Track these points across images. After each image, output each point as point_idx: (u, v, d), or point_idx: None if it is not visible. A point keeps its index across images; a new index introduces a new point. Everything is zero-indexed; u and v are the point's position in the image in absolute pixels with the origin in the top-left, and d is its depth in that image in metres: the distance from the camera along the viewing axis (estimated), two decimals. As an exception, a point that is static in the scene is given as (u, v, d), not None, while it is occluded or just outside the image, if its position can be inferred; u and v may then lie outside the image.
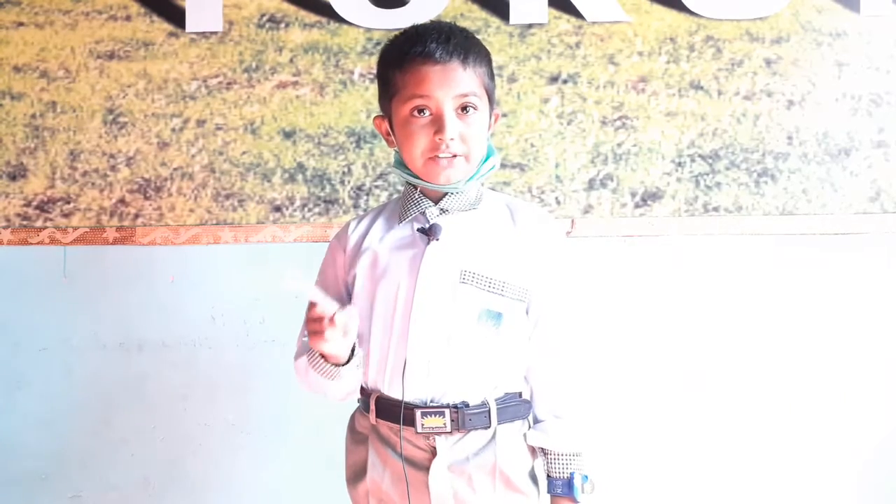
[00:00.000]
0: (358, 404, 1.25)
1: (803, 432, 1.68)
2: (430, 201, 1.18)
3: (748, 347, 1.68)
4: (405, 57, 1.14)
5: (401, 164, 1.20)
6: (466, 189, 1.18)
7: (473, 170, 1.17)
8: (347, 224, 1.26)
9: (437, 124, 1.12)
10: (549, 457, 1.19)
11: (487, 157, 1.20)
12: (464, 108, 1.13)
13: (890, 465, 1.67)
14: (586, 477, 1.17)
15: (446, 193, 1.18)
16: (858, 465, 1.67)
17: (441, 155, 1.13)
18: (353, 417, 1.26)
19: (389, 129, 1.20)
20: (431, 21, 1.28)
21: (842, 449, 1.68)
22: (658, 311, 1.69)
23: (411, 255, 1.16)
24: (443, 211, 1.18)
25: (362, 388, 1.21)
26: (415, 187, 1.19)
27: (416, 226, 1.18)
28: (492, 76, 1.20)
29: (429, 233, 1.15)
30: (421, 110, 1.13)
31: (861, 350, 1.68)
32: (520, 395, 1.19)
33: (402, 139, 1.16)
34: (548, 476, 1.19)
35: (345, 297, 1.22)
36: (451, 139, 1.12)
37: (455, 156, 1.13)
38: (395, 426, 1.14)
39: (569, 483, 1.16)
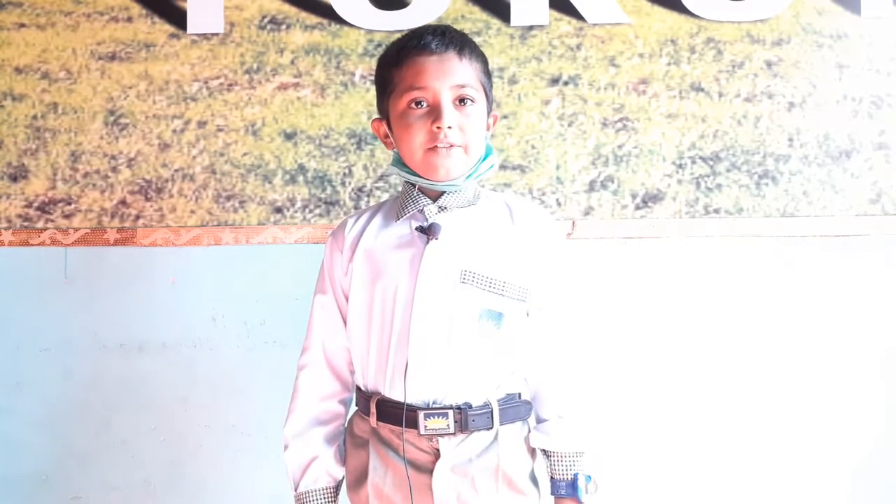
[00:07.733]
0: (356, 408, 1.24)
1: (803, 434, 1.68)
2: (428, 199, 1.18)
3: (749, 349, 1.68)
4: (401, 52, 1.15)
5: (399, 162, 1.19)
6: (464, 187, 1.17)
7: (472, 164, 1.16)
8: (344, 222, 1.25)
9: (435, 114, 1.12)
10: (552, 458, 1.19)
11: (486, 157, 1.19)
12: (461, 100, 1.13)
13: (888, 466, 1.67)
14: (589, 477, 1.17)
15: (444, 192, 1.17)
16: (857, 466, 1.67)
17: (440, 145, 1.12)
18: (351, 421, 1.25)
19: (388, 131, 1.20)
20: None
21: (841, 450, 1.67)
22: (658, 313, 1.69)
23: (410, 254, 1.15)
24: (441, 209, 1.17)
25: (361, 391, 1.21)
26: (414, 185, 1.19)
27: (415, 224, 1.17)
28: (488, 76, 1.19)
29: (428, 232, 1.15)
30: (418, 102, 1.13)
31: (861, 351, 1.68)
32: (519, 395, 1.19)
33: (400, 134, 1.15)
34: (551, 478, 1.19)
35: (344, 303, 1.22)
36: (449, 127, 1.11)
37: (453, 146, 1.13)
38: (396, 429, 1.13)
39: (573, 484, 1.17)
